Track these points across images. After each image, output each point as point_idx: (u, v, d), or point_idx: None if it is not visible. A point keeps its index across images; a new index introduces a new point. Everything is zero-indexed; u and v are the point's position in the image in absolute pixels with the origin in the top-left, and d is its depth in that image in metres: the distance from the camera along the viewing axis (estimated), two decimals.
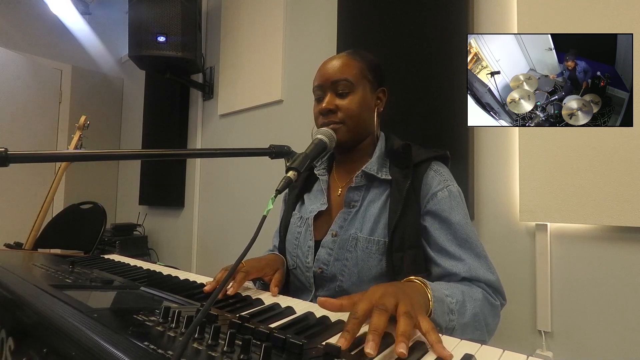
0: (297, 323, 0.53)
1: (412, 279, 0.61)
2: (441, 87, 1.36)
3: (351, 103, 0.81)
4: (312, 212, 0.87)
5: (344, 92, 0.81)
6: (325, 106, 0.81)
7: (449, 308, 0.62)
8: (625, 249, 1.05)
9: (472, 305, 0.66)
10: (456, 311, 0.63)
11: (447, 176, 0.81)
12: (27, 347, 0.50)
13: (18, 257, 0.98)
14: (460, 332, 0.63)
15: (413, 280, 0.61)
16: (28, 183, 2.95)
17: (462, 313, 0.64)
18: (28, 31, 3.09)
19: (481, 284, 0.72)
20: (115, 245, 2.66)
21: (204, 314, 0.39)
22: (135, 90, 3.41)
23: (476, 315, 0.66)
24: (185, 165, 2.72)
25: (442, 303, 0.60)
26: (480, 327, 0.67)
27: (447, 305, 0.61)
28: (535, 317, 1.16)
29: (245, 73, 2.27)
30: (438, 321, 0.58)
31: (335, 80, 0.81)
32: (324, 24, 1.86)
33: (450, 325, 0.61)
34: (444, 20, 1.38)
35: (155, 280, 0.80)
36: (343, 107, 0.81)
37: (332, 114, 0.81)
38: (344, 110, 0.81)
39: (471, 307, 0.66)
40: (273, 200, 0.58)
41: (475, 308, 0.66)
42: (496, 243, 1.25)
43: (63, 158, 1.10)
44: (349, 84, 0.81)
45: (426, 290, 0.58)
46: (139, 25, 2.16)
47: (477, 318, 0.66)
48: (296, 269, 0.87)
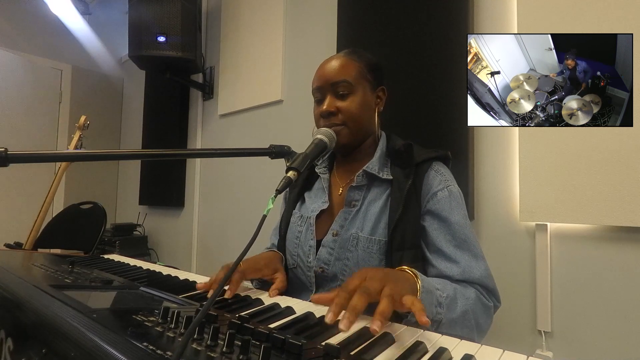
0: (297, 323, 0.53)
1: (404, 268, 0.61)
2: (441, 87, 1.36)
3: (351, 104, 0.81)
4: (314, 212, 0.87)
5: (344, 94, 0.81)
6: (325, 109, 0.81)
7: (438, 301, 0.62)
8: (625, 249, 1.05)
9: (463, 303, 0.66)
10: (445, 305, 0.63)
11: (447, 176, 0.81)
12: (27, 347, 0.50)
13: (18, 257, 0.98)
14: (448, 326, 0.64)
15: (405, 269, 0.61)
16: (28, 183, 2.95)
17: (451, 308, 0.64)
18: (28, 31, 3.10)
19: (476, 285, 0.72)
20: (115, 245, 2.66)
21: (203, 315, 0.39)
22: (135, 90, 3.41)
23: (466, 313, 0.66)
24: (185, 165, 2.72)
25: (431, 294, 0.61)
26: (469, 325, 0.67)
27: (436, 298, 0.62)
28: (535, 317, 1.16)
29: (245, 73, 2.27)
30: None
31: (335, 82, 0.81)
32: (324, 24, 1.86)
33: (437, 318, 0.62)
34: (444, 20, 1.38)
35: (155, 281, 0.80)
36: (343, 109, 0.81)
37: (332, 116, 0.81)
38: (344, 112, 0.81)
39: (462, 304, 0.66)
40: (273, 200, 0.58)
41: (465, 306, 0.66)
42: (496, 243, 1.25)
43: (63, 158, 1.09)
44: (348, 85, 0.80)
45: (416, 280, 0.59)
46: (139, 25, 2.16)
47: (467, 316, 0.66)
48: (297, 268, 0.87)
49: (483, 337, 0.72)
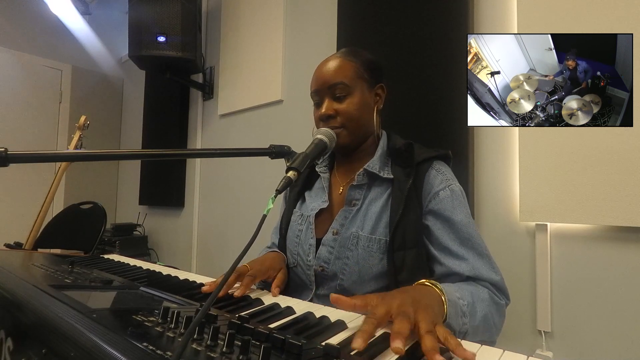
0: (297, 323, 0.53)
1: (425, 282, 0.59)
2: (441, 87, 1.36)
3: (349, 106, 0.80)
4: (314, 210, 0.87)
5: (341, 96, 0.81)
6: (324, 112, 0.81)
7: (462, 311, 0.61)
8: (625, 249, 1.05)
9: (482, 307, 0.65)
10: (468, 313, 0.62)
11: (449, 175, 0.81)
12: (26, 347, 0.50)
13: (18, 257, 0.98)
14: (472, 334, 0.62)
15: (426, 284, 0.59)
16: (28, 183, 2.95)
17: (473, 315, 0.63)
18: (28, 31, 3.09)
19: (485, 283, 0.72)
20: (115, 245, 2.66)
21: (203, 315, 0.39)
22: (135, 90, 3.41)
23: (486, 317, 0.65)
24: (185, 165, 2.72)
25: (455, 306, 0.59)
26: (489, 328, 0.67)
27: (460, 308, 0.61)
28: (535, 317, 1.16)
29: (245, 73, 2.27)
30: (452, 325, 0.58)
31: (331, 85, 0.81)
32: (324, 24, 1.86)
33: (464, 329, 0.60)
34: (444, 20, 1.38)
35: (155, 280, 0.80)
36: (342, 111, 0.81)
37: (331, 119, 0.81)
38: (342, 114, 0.81)
39: (480, 308, 0.65)
40: (273, 200, 0.58)
41: (484, 309, 0.66)
42: (496, 243, 1.25)
43: (63, 158, 1.09)
44: (345, 87, 0.80)
45: (441, 295, 0.57)
46: (139, 25, 2.16)
47: (487, 319, 0.66)
48: (297, 266, 0.87)
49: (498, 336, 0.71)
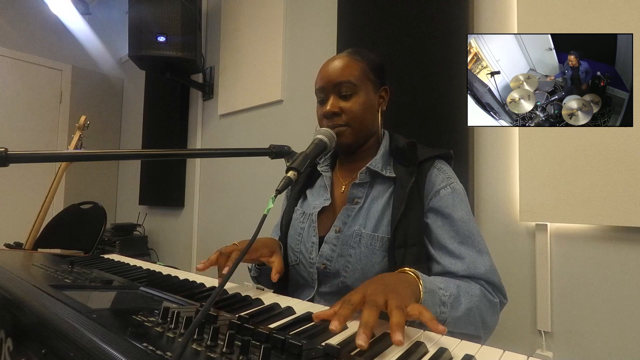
0: (297, 323, 0.52)
1: (406, 270, 0.61)
2: (441, 87, 1.36)
3: (355, 105, 0.81)
4: (316, 208, 0.87)
5: (347, 94, 0.81)
6: (329, 109, 0.81)
7: (441, 300, 0.62)
8: (625, 249, 1.05)
9: (467, 300, 0.66)
10: (449, 304, 0.63)
11: (450, 174, 0.81)
12: (26, 347, 0.50)
13: (18, 257, 0.98)
14: (453, 325, 0.64)
15: (406, 271, 0.61)
16: (28, 183, 2.95)
17: (455, 307, 0.64)
18: (28, 31, 3.09)
19: (481, 281, 0.72)
20: (115, 245, 2.66)
21: (203, 315, 0.39)
22: (135, 90, 3.41)
23: (470, 310, 0.66)
24: (185, 165, 2.72)
25: (434, 294, 0.61)
26: (474, 322, 0.67)
27: (440, 298, 0.62)
28: (535, 317, 1.16)
29: (245, 73, 2.27)
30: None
31: (338, 83, 0.81)
32: (324, 24, 1.86)
33: (442, 317, 0.62)
34: (444, 20, 1.38)
35: (155, 280, 0.80)
36: (347, 109, 0.81)
37: (336, 117, 0.81)
38: (348, 113, 0.81)
39: (466, 301, 0.66)
40: (273, 200, 0.58)
41: (470, 303, 0.66)
42: (496, 243, 1.25)
43: (63, 158, 1.09)
44: (351, 86, 0.81)
45: (418, 282, 0.59)
46: (139, 25, 2.16)
47: (472, 313, 0.66)
48: (299, 264, 0.87)
49: (490, 334, 0.71)
